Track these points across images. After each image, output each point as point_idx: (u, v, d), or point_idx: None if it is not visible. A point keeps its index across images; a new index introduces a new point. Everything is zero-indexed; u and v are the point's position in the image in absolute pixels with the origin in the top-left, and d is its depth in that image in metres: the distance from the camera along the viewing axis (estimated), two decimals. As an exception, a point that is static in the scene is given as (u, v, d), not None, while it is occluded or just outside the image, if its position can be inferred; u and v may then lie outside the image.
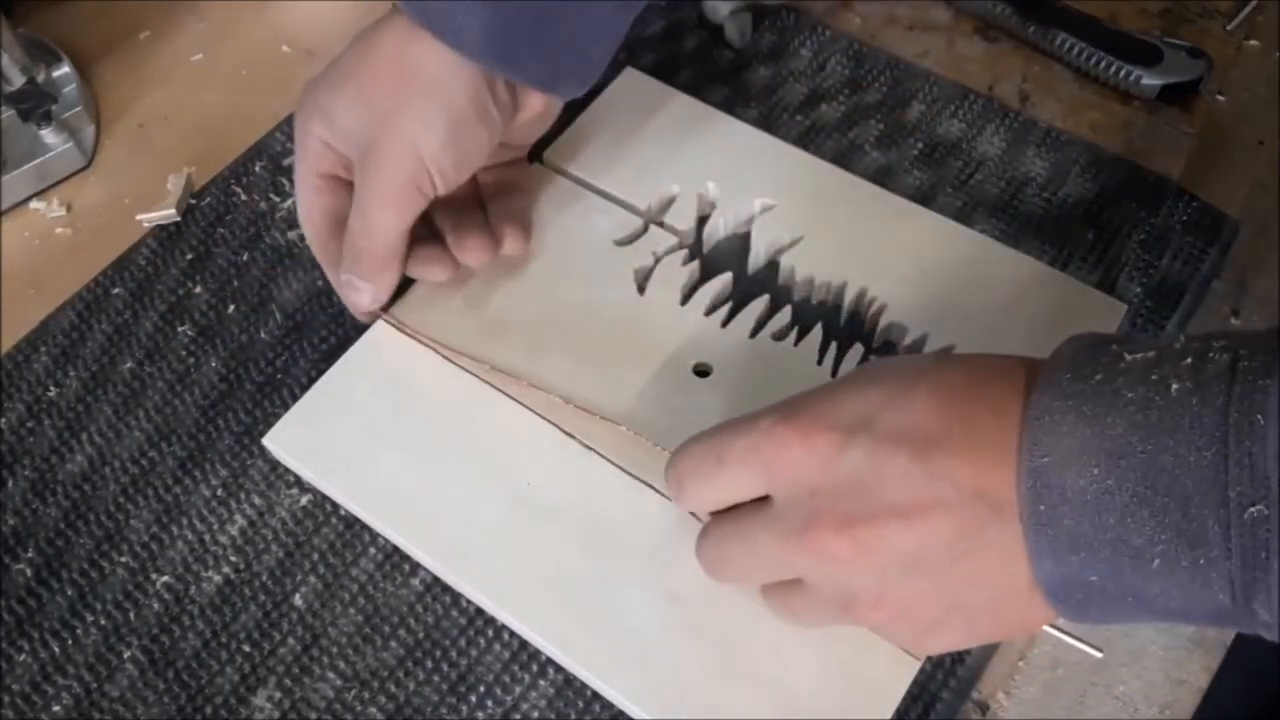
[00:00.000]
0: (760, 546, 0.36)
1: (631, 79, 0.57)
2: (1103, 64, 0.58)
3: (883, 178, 0.55)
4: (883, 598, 0.35)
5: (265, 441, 0.46)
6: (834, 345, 0.49)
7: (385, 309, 0.49)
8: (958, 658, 0.42)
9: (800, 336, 0.49)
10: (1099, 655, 0.42)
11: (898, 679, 0.40)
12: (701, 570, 0.39)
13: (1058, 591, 0.32)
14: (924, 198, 0.54)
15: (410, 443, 0.46)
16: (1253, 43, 0.61)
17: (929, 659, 0.41)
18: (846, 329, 0.50)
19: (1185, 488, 0.29)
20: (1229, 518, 0.29)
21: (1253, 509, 0.28)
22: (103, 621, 0.43)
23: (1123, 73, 0.57)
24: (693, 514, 0.42)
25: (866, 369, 0.37)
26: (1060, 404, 0.32)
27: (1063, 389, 0.32)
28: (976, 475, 0.33)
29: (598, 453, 0.45)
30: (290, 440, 0.46)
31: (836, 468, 0.34)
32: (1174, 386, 0.30)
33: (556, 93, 0.46)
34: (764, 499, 0.36)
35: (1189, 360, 0.30)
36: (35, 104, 0.55)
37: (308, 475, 0.46)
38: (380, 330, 0.49)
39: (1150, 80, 0.57)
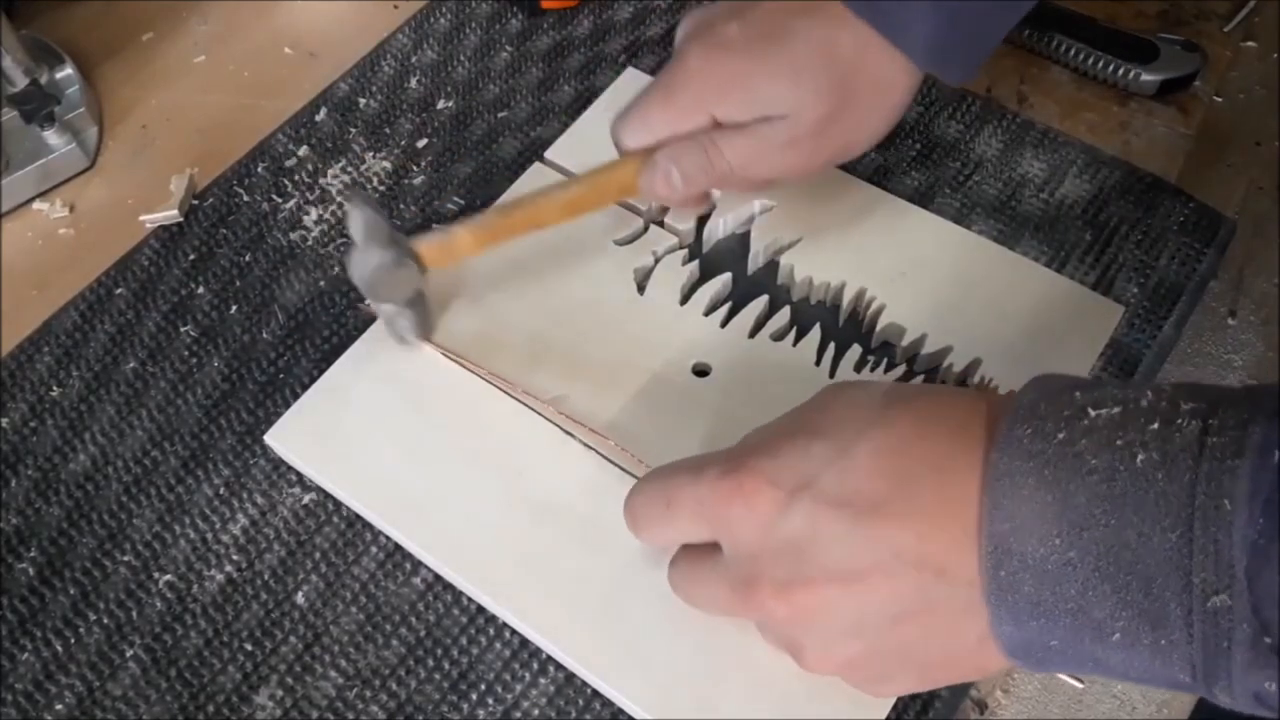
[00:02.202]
0: (714, 591, 0.37)
1: (633, 80, 0.57)
2: (1100, 63, 0.58)
3: (881, 178, 0.55)
4: (827, 655, 0.35)
5: (267, 439, 0.46)
6: (832, 345, 0.49)
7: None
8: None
9: (799, 337, 0.49)
10: (1079, 686, 0.42)
11: None
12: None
13: (1018, 650, 0.32)
14: (922, 198, 0.54)
15: (410, 440, 0.46)
16: (1250, 44, 0.61)
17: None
18: (845, 329, 0.50)
19: (1148, 567, 0.29)
20: (1191, 603, 0.28)
21: (1215, 598, 0.28)
22: (105, 620, 0.44)
23: (1120, 71, 0.58)
24: None
25: (814, 412, 0.36)
26: (1021, 464, 0.31)
27: (1024, 447, 0.31)
28: (918, 540, 0.32)
29: (597, 452, 0.45)
30: (292, 437, 0.46)
31: (777, 530, 0.34)
32: (1140, 457, 0.29)
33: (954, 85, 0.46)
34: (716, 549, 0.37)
35: (1156, 425, 0.30)
36: (38, 105, 0.55)
37: (309, 472, 0.46)
38: (381, 329, 0.49)
39: (1149, 76, 0.57)
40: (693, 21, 0.46)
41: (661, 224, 0.53)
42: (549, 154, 0.55)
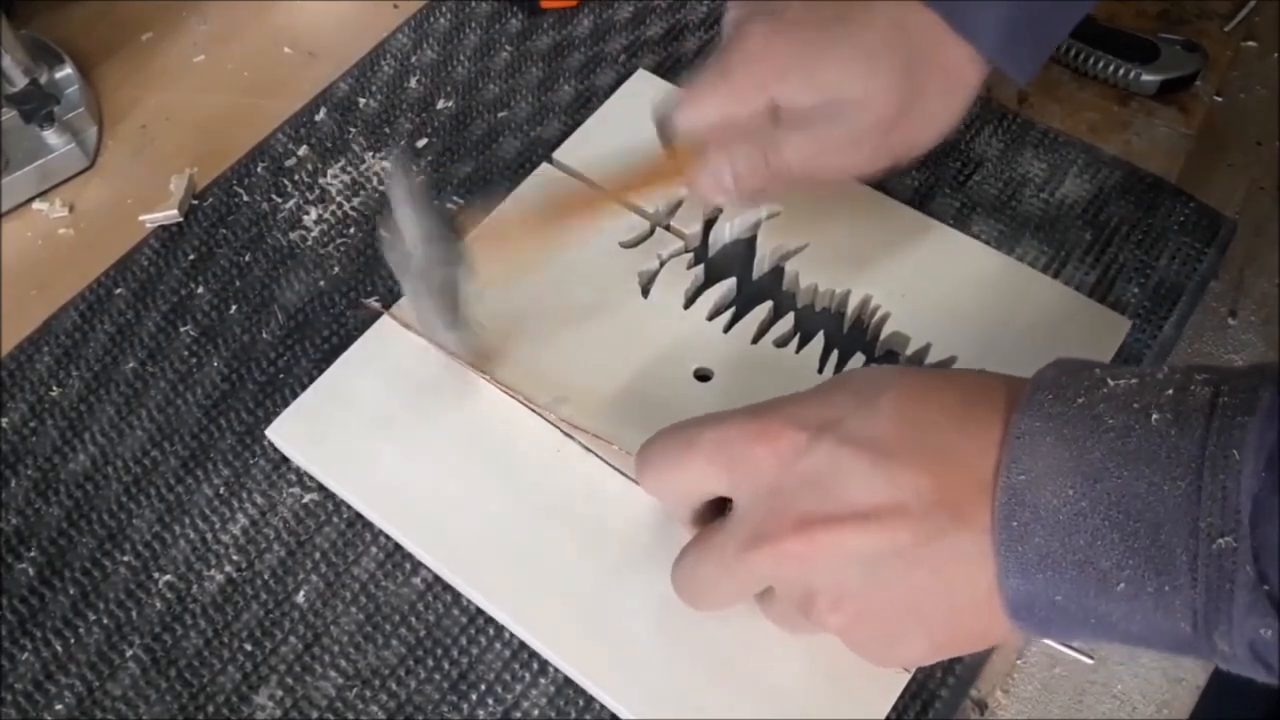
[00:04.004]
0: (728, 558, 0.36)
1: (643, 81, 0.57)
2: (1100, 63, 0.58)
3: (881, 178, 0.55)
4: (840, 600, 0.35)
5: (269, 433, 0.46)
6: (835, 353, 0.49)
7: (388, 306, 0.49)
8: (956, 657, 0.42)
9: (802, 344, 0.49)
10: (1090, 661, 0.42)
11: (890, 685, 0.40)
12: (685, 605, 0.39)
13: (1021, 609, 0.32)
14: (922, 198, 0.54)
15: (411, 439, 0.46)
16: (1250, 44, 0.61)
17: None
18: (849, 337, 0.50)
19: (1157, 515, 0.30)
20: (1197, 547, 0.29)
21: (1221, 540, 0.29)
22: (105, 620, 0.44)
23: (1120, 71, 0.58)
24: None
25: (839, 377, 0.38)
26: (1041, 424, 0.32)
27: (1044, 409, 0.32)
28: (936, 484, 0.33)
29: (596, 455, 0.45)
30: (293, 432, 0.46)
31: (798, 467, 0.34)
32: (1154, 416, 0.31)
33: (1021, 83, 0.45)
34: (724, 517, 0.37)
35: (1171, 391, 0.31)
36: (38, 105, 0.55)
37: (309, 467, 0.46)
38: (385, 326, 0.49)
39: (1149, 77, 0.57)
40: (745, 3, 0.43)
41: (668, 227, 0.52)
42: (557, 155, 0.54)
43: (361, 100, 0.59)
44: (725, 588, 0.38)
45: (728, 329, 0.49)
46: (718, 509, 0.38)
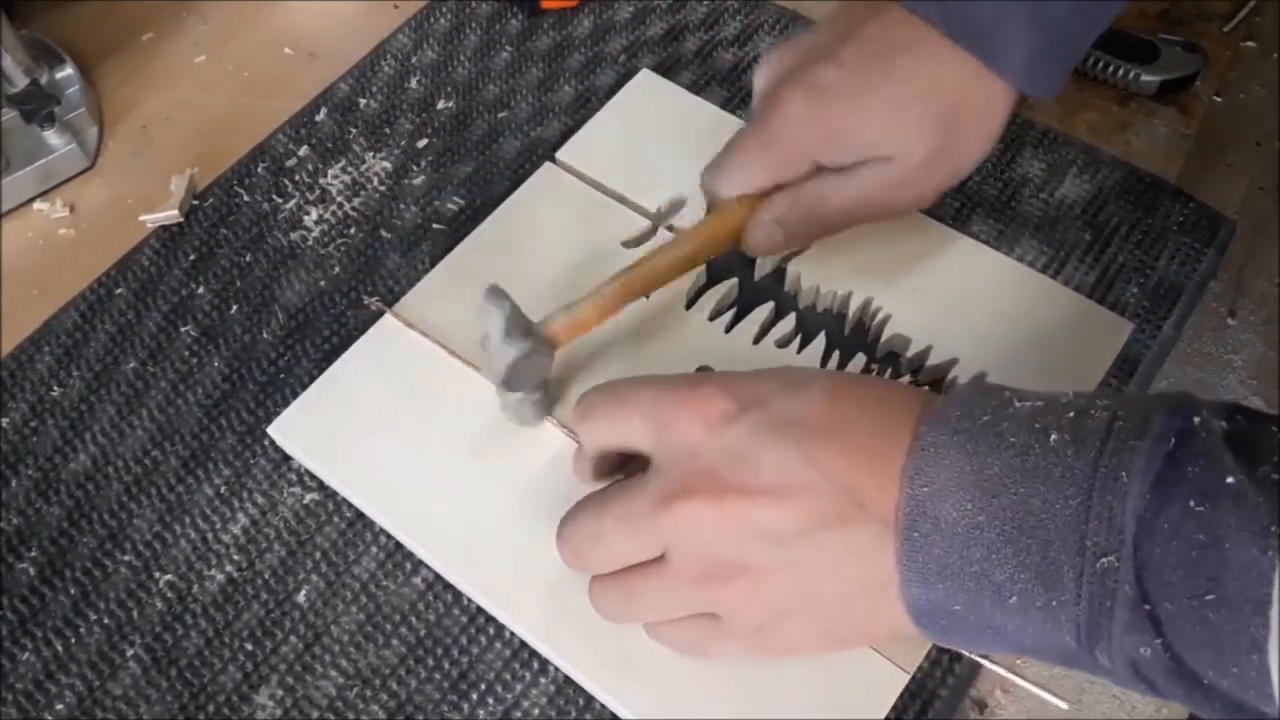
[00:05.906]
0: (634, 511, 0.37)
1: (646, 81, 0.57)
2: (1100, 64, 0.58)
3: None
4: (739, 569, 0.35)
5: (270, 430, 0.47)
6: (837, 354, 0.49)
7: (390, 305, 0.49)
8: (955, 656, 0.42)
9: (804, 344, 0.49)
10: (1064, 707, 0.42)
11: (889, 685, 0.40)
12: (561, 557, 0.39)
13: (923, 615, 0.34)
14: (922, 199, 0.54)
15: (413, 438, 0.46)
16: (1250, 44, 0.61)
17: (925, 659, 0.41)
18: (850, 338, 0.50)
19: (1048, 532, 0.31)
20: (1083, 565, 0.30)
21: (1105, 559, 0.30)
22: (106, 620, 0.44)
23: (1120, 71, 0.58)
24: None
25: (772, 368, 0.39)
26: (946, 438, 0.33)
27: (951, 425, 0.34)
28: (848, 470, 0.34)
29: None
30: (295, 430, 0.46)
31: (721, 437, 0.36)
32: (1053, 436, 0.32)
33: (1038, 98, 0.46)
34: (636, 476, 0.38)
35: (1072, 414, 0.32)
36: (38, 105, 0.55)
37: (311, 464, 0.46)
38: (387, 325, 0.49)
39: (1149, 77, 0.57)
40: (780, 62, 0.45)
41: (670, 227, 0.52)
42: (560, 155, 0.54)
43: (362, 101, 0.59)
44: (619, 544, 0.38)
45: (729, 329, 0.49)
46: (623, 468, 0.40)
